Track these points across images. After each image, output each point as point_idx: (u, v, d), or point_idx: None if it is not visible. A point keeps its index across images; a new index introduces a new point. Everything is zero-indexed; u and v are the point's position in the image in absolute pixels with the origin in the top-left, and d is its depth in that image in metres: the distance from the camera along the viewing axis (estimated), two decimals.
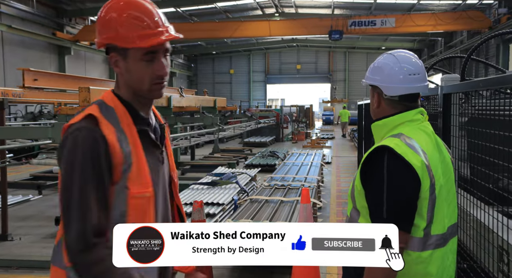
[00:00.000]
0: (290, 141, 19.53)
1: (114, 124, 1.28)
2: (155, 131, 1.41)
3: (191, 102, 9.91)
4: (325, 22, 21.53)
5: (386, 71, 1.63)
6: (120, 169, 1.26)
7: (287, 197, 5.60)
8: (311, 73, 40.53)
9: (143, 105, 1.37)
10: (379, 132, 1.65)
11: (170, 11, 24.79)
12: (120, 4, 1.30)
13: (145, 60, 1.29)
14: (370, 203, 1.51)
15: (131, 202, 1.28)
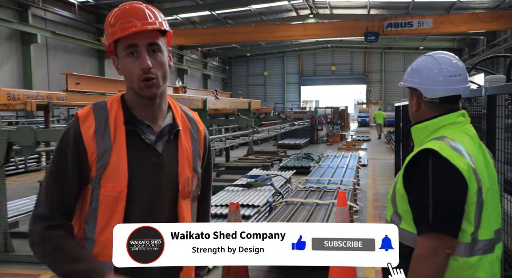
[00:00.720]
0: (325, 143, 19.36)
1: (99, 122, 1.32)
2: (161, 134, 1.38)
3: (226, 104, 10.01)
4: (361, 24, 21.25)
5: (425, 73, 1.60)
6: (95, 166, 1.30)
7: (323, 200, 5.56)
8: (346, 74, 40.02)
9: (144, 107, 1.36)
10: (419, 135, 1.62)
11: (205, 15, 25.13)
12: (110, 13, 1.37)
13: (128, 56, 1.31)
14: (414, 208, 1.48)
15: (102, 198, 1.31)
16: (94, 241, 1.32)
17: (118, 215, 1.30)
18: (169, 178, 1.38)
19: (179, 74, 31.62)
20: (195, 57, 33.62)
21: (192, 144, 1.45)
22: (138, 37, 1.29)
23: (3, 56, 16.84)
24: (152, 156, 1.35)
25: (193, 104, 8.35)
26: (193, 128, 1.48)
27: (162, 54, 1.35)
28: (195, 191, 1.47)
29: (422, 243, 1.44)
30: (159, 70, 1.32)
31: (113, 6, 16.00)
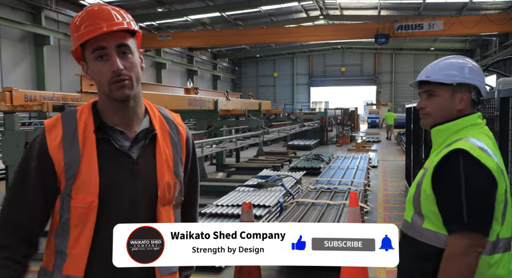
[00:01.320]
0: (334, 144, 19.34)
1: (66, 132, 1.27)
2: (136, 139, 1.33)
3: (237, 105, 10.08)
4: (371, 26, 21.24)
5: (480, 72, 1.63)
6: (64, 177, 1.25)
7: (334, 200, 5.58)
8: (356, 75, 39.90)
9: (117, 111, 1.31)
10: (439, 137, 1.63)
11: (215, 16, 25.24)
12: (76, 16, 1.31)
13: (97, 59, 1.25)
14: (445, 208, 1.50)
15: (73, 210, 1.26)
16: (66, 255, 1.26)
17: (90, 226, 1.25)
18: (147, 185, 1.32)
19: (189, 75, 31.80)
20: (205, 58, 33.77)
21: (173, 148, 1.39)
22: (106, 39, 1.23)
23: (16, 58, 17.09)
24: (127, 163, 1.30)
25: (205, 105, 8.42)
26: (172, 131, 1.41)
27: (132, 56, 1.29)
28: (178, 197, 1.40)
29: (455, 242, 1.45)
30: (131, 71, 1.27)
31: (125, 7, 16.15)
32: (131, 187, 1.30)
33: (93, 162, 1.26)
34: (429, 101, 1.64)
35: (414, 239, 1.59)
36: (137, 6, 21.91)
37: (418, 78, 1.67)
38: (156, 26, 25.98)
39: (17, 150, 4.58)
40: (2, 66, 16.44)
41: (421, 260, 1.55)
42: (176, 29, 27.07)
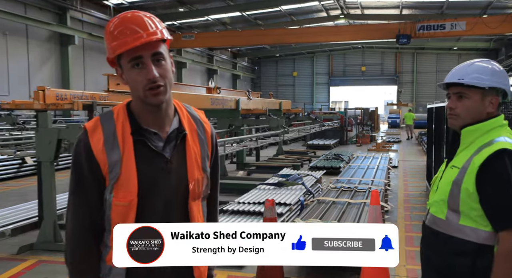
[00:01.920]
0: (354, 144, 19.27)
1: (107, 134, 1.35)
2: (168, 140, 1.40)
3: (258, 104, 10.18)
4: (392, 26, 21.10)
5: (505, 75, 1.71)
6: (108, 177, 1.34)
7: (354, 199, 5.64)
8: (377, 75, 39.54)
9: (150, 114, 1.38)
10: (469, 137, 1.70)
11: (236, 15, 25.40)
12: (110, 22, 1.38)
13: (134, 67, 1.32)
14: (495, 206, 1.56)
15: (113, 208, 1.34)
16: (110, 247, 1.33)
17: (130, 222, 1.33)
18: (179, 182, 1.40)
19: (209, 74, 32.05)
20: (225, 57, 33.98)
21: (200, 145, 1.47)
22: (142, 48, 1.30)
23: (43, 57, 17.57)
24: (162, 163, 1.37)
25: (227, 105, 8.55)
26: (199, 129, 1.49)
27: (166, 62, 1.36)
28: (205, 191, 1.49)
29: (508, 239, 1.52)
30: (165, 78, 1.34)
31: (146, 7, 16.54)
32: (165, 185, 1.37)
33: (132, 162, 1.34)
34: (460, 103, 1.71)
35: (450, 235, 1.64)
36: (159, 6, 22.22)
37: (449, 79, 1.73)
38: (177, 25, 26.27)
39: (50, 146, 4.79)
40: (30, 65, 16.92)
41: (459, 256, 1.61)
42: (197, 29, 27.33)
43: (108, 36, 1.35)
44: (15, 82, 15.99)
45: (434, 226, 1.73)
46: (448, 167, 1.76)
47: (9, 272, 4.19)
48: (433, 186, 1.84)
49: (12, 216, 6.02)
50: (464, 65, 1.75)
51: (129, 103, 1.43)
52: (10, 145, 10.85)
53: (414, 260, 4.55)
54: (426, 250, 1.78)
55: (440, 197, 1.71)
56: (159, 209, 1.37)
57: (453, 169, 1.70)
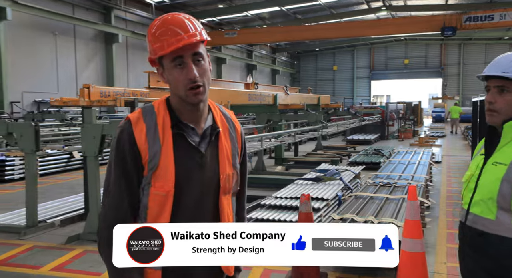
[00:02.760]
0: (396, 139, 18.84)
1: (149, 126, 1.40)
2: (203, 136, 1.47)
3: (296, 100, 10.16)
4: (437, 18, 20.32)
5: None
6: (147, 167, 1.39)
7: (393, 195, 5.54)
8: (420, 68, 38.33)
9: (189, 111, 1.44)
10: (510, 132, 1.63)
11: (275, 10, 25.36)
12: (152, 25, 1.44)
13: (176, 67, 1.38)
14: None
15: (152, 197, 1.39)
16: None
17: (166, 214, 1.38)
18: (211, 177, 1.46)
19: (249, 70, 32.23)
20: (264, 52, 34.03)
21: (231, 143, 1.53)
22: (183, 49, 1.37)
23: (89, 56, 18.28)
24: (197, 157, 1.43)
25: (264, 100, 8.60)
26: (231, 128, 1.55)
27: (204, 62, 1.42)
28: (235, 187, 1.54)
29: None
30: (204, 77, 1.40)
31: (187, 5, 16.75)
32: (199, 178, 1.43)
33: (170, 154, 1.40)
34: (501, 97, 1.62)
35: (502, 236, 1.57)
36: (199, 3, 22.55)
37: (491, 72, 1.63)
38: (217, 21, 26.58)
39: (94, 141, 5.01)
40: (77, 64, 17.66)
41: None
42: (237, 25, 27.53)
43: (150, 38, 1.41)
44: (63, 80, 16.75)
45: (481, 226, 1.64)
46: (488, 164, 1.68)
47: (58, 261, 4.44)
48: (469, 184, 1.75)
49: (61, 207, 6.37)
50: (508, 58, 1.65)
51: (167, 98, 1.49)
52: (59, 140, 11.42)
53: (454, 257, 4.43)
54: (473, 252, 1.69)
55: (486, 196, 1.62)
56: (192, 202, 1.43)
57: (497, 165, 1.62)
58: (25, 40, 15.21)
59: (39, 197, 7.23)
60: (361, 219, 4.39)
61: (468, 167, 1.85)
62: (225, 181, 1.49)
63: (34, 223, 5.37)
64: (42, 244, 4.94)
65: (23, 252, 4.69)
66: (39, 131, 5.17)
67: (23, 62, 14.95)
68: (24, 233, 5.21)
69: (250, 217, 5.53)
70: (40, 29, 15.77)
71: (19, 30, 14.87)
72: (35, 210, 5.40)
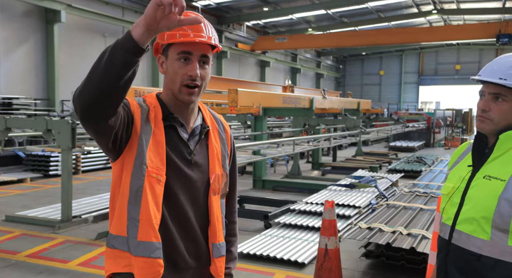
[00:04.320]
0: (442, 146, 18.11)
1: (142, 113, 1.37)
2: (192, 133, 1.45)
3: (334, 104, 9.96)
4: (492, 26, 19.50)
5: None
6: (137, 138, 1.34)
7: (428, 205, 5.29)
8: (473, 74, 35.65)
9: (179, 108, 1.42)
10: (506, 143, 1.49)
11: (320, 14, 25.10)
12: None
13: (180, 60, 1.36)
14: None
15: (148, 179, 1.33)
16: (138, 221, 1.34)
17: (158, 197, 1.35)
18: (201, 175, 1.44)
19: (293, 73, 32.08)
20: (309, 56, 33.76)
21: (221, 143, 1.52)
22: (195, 46, 1.36)
23: None
24: (186, 153, 1.42)
25: (300, 103, 8.49)
26: (220, 129, 1.55)
27: (208, 67, 1.42)
28: (224, 188, 1.52)
29: None
30: (203, 80, 1.39)
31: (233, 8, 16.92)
32: (188, 175, 1.42)
33: (162, 141, 1.37)
34: (495, 105, 1.49)
35: (497, 259, 1.42)
36: (244, 6, 22.70)
37: (488, 77, 1.50)
38: (262, 25, 26.66)
39: None
40: None
41: None
42: (281, 28, 27.50)
43: None
44: None
45: (473, 247, 1.47)
46: (477, 177, 1.52)
47: (86, 256, 4.57)
48: (452, 197, 1.57)
49: (97, 204, 6.56)
50: (507, 60, 1.50)
51: (158, 94, 1.48)
52: None
53: None
54: (460, 276, 1.52)
55: (480, 213, 1.46)
56: (183, 199, 1.41)
57: (491, 180, 1.46)
58: (77, 41, 15.92)
59: (79, 192, 7.54)
60: (389, 229, 4.22)
61: (447, 177, 1.68)
62: (215, 180, 1.47)
63: (68, 218, 5.57)
64: (73, 239, 5.11)
65: (54, 246, 4.86)
66: (75, 129, 5.35)
67: (74, 63, 15.64)
68: (58, 227, 5.41)
69: (279, 221, 5.46)
70: (91, 31, 16.46)
71: (71, 32, 15.59)
72: (69, 205, 5.59)
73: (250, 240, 4.86)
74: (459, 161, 1.67)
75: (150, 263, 1.33)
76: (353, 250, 4.63)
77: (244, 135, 9.79)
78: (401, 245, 3.83)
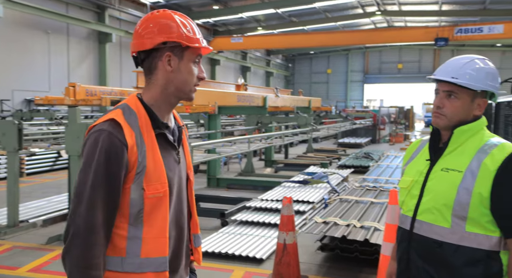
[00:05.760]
0: (387, 142, 18.90)
1: (134, 128, 1.35)
2: (173, 133, 1.50)
3: (286, 102, 10.16)
4: (431, 30, 21.84)
5: (497, 77, 1.63)
6: (135, 171, 1.33)
7: (378, 199, 5.55)
8: (414, 72, 38.49)
9: (164, 110, 1.45)
10: (460, 137, 1.61)
11: (269, 13, 25.38)
12: (170, 14, 1.43)
13: (194, 63, 1.44)
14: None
15: (147, 201, 1.35)
16: (142, 240, 1.36)
17: (165, 211, 1.39)
18: (184, 172, 1.53)
19: (243, 71, 32.20)
20: (259, 54, 34.03)
21: (187, 139, 1.63)
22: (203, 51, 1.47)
23: (82, 55, 18.17)
24: (175, 154, 1.48)
25: (254, 102, 8.58)
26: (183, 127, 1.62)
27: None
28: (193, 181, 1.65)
29: None
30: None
31: (182, 6, 16.69)
32: (178, 174, 1.48)
33: (157, 155, 1.39)
34: (448, 102, 1.61)
35: (457, 245, 1.54)
36: (194, 4, 22.52)
37: (442, 76, 1.62)
38: (211, 23, 26.54)
39: (78, 140, 4.96)
40: (70, 62, 17.55)
41: (471, 266, 1.52)
42: (231, 26, 27.53)
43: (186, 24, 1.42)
44: (55, 79, 16.64)
45: (434, 235, 1.58)
46: (435, 170, 1.64)
47: (37, 262, 4.39)
48: (411, 190, 1.69)
49: (45, 207, 6.30)
50: (460, 62, 1.64)
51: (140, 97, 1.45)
52: (48, 139, 11.33)
53: None
54: (423, 263, 1.62)
55: (440, 202, 1.57)
56: (176, 197, 1.47)
57: (449, 172, 1.58)
58: (17, 38, 15.09)
59: (25, 196, 7.19)
60: (344, 222, 4.39)
61: (404, 172, 1.80)
62: (192, 174, 1.59)
63: (15, 223, 5.31)
64: (22, 244, 4.88)
65: (1, 253, 4.63)
66: (22, 130, 5.11)
67: (14, 60, 14.83)
68: (4, 233, 5.15)
69: (235, 219, 5.51)
70: (32, 27, 15.66)
71: (11, 27, 14.75)
72: (16, 210, 5.33)
73: (208, 238, 4.88)
74: (414, 157, 1.79)
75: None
76: (309, 244, 4.77)
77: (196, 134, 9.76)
78: (355, 237, 4.00)
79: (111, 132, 1.31)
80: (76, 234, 1.27)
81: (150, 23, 1.41)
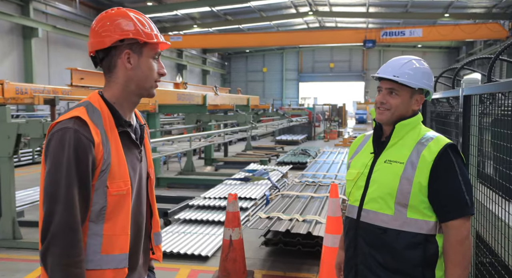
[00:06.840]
0: (322, 139, 19.58)
1: (99, 126, 1.35)
2: (136, 131, 1.50)
3: (225, 100, 10.22)
4: (360, 33, 23.93)
5: (432, 77, 1.80)
6: (100, 169, 1.34)
7: (317, 193, 5.78)
8: (345, 71, 40.19)
9: (126, 108, 1.46)
10: (401, 131, 1.76)
11: (205, 11, 25.25)
12: (125, 12, 1.46)
13: (154, 59, 1.45)
14: (448, 197, 1.66)
15: (110, 198, 1.36)
16: (102, 237, 1.36)
17: (127, 209, 1.40)
18: (145, 170, 1.54)
19: (179, 69, 31.74)
20: (195, 52, 33.72)
21: (148, 137, 1.63)
22: (162, 47, 1.49)
23: (4, 51, 16.95)
24: (137, 152, 1.49)
25: (193, 100, 8.54)
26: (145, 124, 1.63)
27: None
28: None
29: (462, 226, 1.64)
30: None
31: (114, 1, 16.07)
32: (140, 172, 1.50)
33: (121, 153, 1.40)
34: (390, 98, 1.76)
35: (399, 230, 1.68)
36: (127, 1, 21.85)
37: (385, 74, 1.76)
38: None
39: (9, 141, 4.69)
40: None
41: (411, 249, 1.67)
42: (166, 23, 27.03)
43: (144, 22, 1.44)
44: None
45: (379, 222, 1.72)
46: (379, 162, 1.78)
47: None
48: (357, 181, 1.82)
49: None
50: (399, 62, 1.79)
51: (101, 94, 1.44)
52: None
53: None
54: (370, 249, 1.76)
55: (384, 191, 1.71)
56: (137, 193, 1.48)
57: (392, 164, 1.73)
58: None
59: None
60: (287, 217, 4.54)
61: (349, 165, 1.93)
62: (153, 172, 1.60)
63: None
64: None
65: None
66: None
67: None
68: None
69: (179, 218, 5.49)
70: None
71: None
72: None
73: None
74: (359, 151, 1.93)
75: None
76: (253, 240, 4.87)
77: None
78: (299, 230, 4.15)
79: (77, 130, 1.30)
80: (56, 233, 1.26)
81: (107, 21, 1.42)
